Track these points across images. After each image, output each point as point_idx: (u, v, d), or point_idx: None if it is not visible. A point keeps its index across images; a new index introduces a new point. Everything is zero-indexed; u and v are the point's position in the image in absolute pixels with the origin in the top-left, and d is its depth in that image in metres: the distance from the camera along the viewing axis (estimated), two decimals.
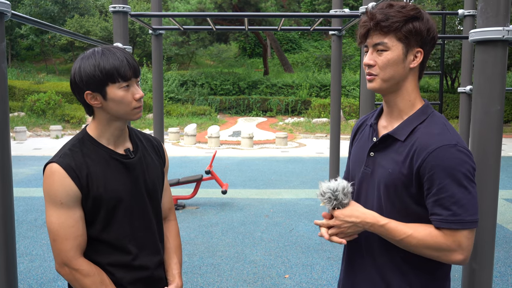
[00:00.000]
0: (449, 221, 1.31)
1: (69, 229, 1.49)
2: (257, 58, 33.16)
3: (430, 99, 21.08)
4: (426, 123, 1.41)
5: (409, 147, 1.38)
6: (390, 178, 1.41)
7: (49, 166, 1.50)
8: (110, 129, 1.57)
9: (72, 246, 1.49)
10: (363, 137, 1.59)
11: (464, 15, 5.44)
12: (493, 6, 1.80)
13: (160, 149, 1.78)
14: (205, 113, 21.59)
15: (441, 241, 1.33)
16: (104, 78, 1.46)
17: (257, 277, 4.23)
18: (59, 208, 1.48)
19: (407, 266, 1.44)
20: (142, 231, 1.63)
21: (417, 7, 1.40)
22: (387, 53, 1.40)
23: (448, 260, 1.35)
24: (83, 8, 32.97)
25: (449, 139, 1.34)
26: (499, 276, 4.22)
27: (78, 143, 1.56)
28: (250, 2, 23.57)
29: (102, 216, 1.54)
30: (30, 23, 2.50)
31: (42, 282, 4.12)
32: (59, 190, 1.47)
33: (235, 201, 7.19)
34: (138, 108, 1.54)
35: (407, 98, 1.45)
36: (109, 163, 1.56)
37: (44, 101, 19.68)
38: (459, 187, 1.31)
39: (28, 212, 6.53)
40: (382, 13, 1.39)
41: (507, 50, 1.87)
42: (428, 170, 1.33)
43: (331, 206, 1.42)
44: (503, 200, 7.23)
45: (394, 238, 1.38)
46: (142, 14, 4.41)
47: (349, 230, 1.43)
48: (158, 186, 1.70)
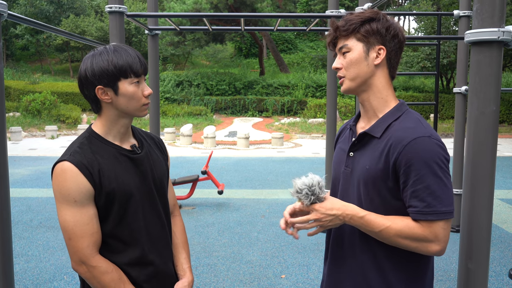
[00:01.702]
0: (425, 212, 1.35)
1: (84, 226, 1.49)
2: (253, 58, 33.18)
3: (425, 99, 21.16)
4: (400, 119, 1.46)
5: (385, 142, 1.43)
6: (368, 174, 1.45)
7: (60, 165, 1.49)
8: (117, 126, 1.59)
9: (88, 243, 1.50)
10: (344, 140, 1.64)
11: (460, 16, 5.46)
12: (489, 7, 1.81)
13: (162, 146, 1.81)
14: (201, 114, 21.59)
15: (418, 232, 1.37)
16: (117, 73, 1.50)
17: (253, 277, 4.23)
18: (73, 206, 1.48)
19: (389, 264, 1.46)
20: (154, 226, 1.64)
21: (376, 11, 1.50)
22: (349, 54, 1.49)
23: (425, 251, 1.38)
24: (79, 8, 32.89)
25: (423, 131, 1.38)
26: (495, 276, 4.25)
27: (86, 141, 1.56)
28: (246, 3, 23.59)
29: (115, 211, 1.55)
30: (27, 23, 2.49)
31: (38, 282, 4.10)
32: (72, 188, 1.47)
33: (231, 202, 7.20)
34: (147, 104, 1.58)
35: (379, 95, 1.51)
36: (118, 159, 1.57)
37: (39, 101, 19.61)
38: (435, 178, 1.35)
39: (23, 212, 6.50)
40: (343, 20, 1.50)
41: (503, 51, 1.88)
42: (404, 162, 1.36)
43: (308, 201, 1.43)
44: (498, 200, 7.26)
45: (373, 230, 1.41)
46: (138, 15, 4.41)
47: (329, 223, 1.44)
48: (165, 182, 1.73)
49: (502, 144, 15.07)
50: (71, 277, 4.22)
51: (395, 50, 1.51)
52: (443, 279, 4.18)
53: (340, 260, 1.56)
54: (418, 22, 26.31)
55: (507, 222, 6.08)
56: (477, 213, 1.94)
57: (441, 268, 4.45)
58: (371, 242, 1.47)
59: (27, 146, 14.90)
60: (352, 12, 1.54)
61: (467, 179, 1.97)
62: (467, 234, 1.96)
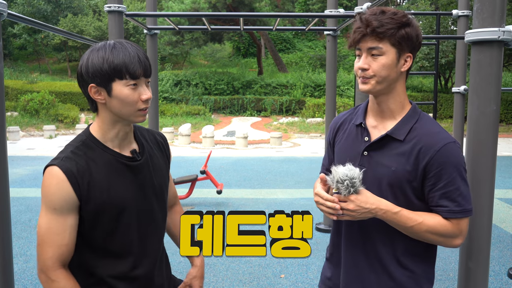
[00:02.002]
0: (456, 211, 1.47)
1: (55, 236, 1.41)
2: (251, 58, 33.16)
3: (424, 99, 21.19)
4: (420, 122, 1.53)
5: (411, 145, 1.49)
6: (394, 175, 1.50)
7: (49, 169, 1.42)
8: (115, 130, 1.49)
9: (53, 254, 1.41)
10: (349, 136, 1.64)
11: (458, 16, 5.47)
12: (489, 7, 1.82)
13: (164, 144, 1.72)
14: (200, 113, 21.57)
15: (449, 228, 1.47)
16: (111, 72, 1.38)
17: (252, 277, 4.23)
18: (51, 213, 1.41)
19: (406, 256, 1.55)
20: (149, 237, 1.58)
21: (407, 14, 1.49)
22: (382, 58, 1.48)
23: (449, 244, 1.51)
24: (77, 8, 32.82)
25: (448, 137, 1.49)
26: (494, 275, 4.25)
27: (82, 146, 1.47)
28: (244, 2, 23.58)
29: (105, 224, 1.47)
30: (26, 22, 2.49)
31: (37, 282, 4.10)
32: (55, 195, 1.39)
33: (230, 201, 7.19)
34: (143, 110, 1.45)
35: (398, 99, 1.55)
36: (114, 168, 1.48)
37: (37, 101, 19.58)
38: (462, 181, 1.47)
39: (22, 212, 6.49)
40: (377, 19, 1.46)
41: (503, 50, 1.88)
42: (436, 166, 1.45)
43: (347, 193, 1.45)
44: (497, 200, 7.28)
45: (405, 225, 1.47)
46: (138, 14, 4.40)
47: (360, 215, 1.47)
48: (165, 187, 1.66)
49: (501, 144, 15.11)
50: None
51: (415, 56, 1.56)
52: (442, 279, 4.19)
53: (360, 253, 1.59)
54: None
55: (506, 221, 6.09)
56: (478, 212, 1.95)
57: (441, 267, 4.46)
58: (391, 235, 1.54)
59: (25, 145, 14.88)
60: (383, 9, 1.49)
61: (467, 179, 1.97)
62: (468, 233, 1.97)
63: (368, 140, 1.57)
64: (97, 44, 1.45)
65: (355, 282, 1.61)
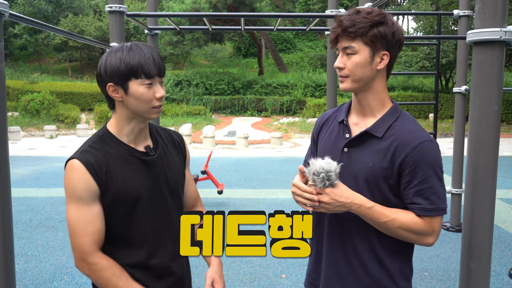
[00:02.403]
0: (429, 209, 1.48)
1: (87, 224, 1.50)
2: (252, 58, 33.17)
3: (424, 99, 21.17)
4: (400, 120, 1.55)
5: (389, 143, 1.51)
6: (371, 172, 1.52)
7: (70, 162, 1.51)
8: (130, 126, 1.58)
9: (89, 241, 1.50)
10: (332, 133, 1.67)
11: (459, 16, 5.46)
12: (491, 7, 1.81)
13: (180, 143, 1.78)
14: (200, 113, 21.57)
15: (421, 226, 1.49)
16: (127, 72, 1.48)
17: (253, 277, 4.23)
18: (78, 204, 1.49)
19: (383, 252, 1.56)
20: (164, 229, 1.63)
21: (382, 13, 1.50)
22: (355, 57, 1.51)
23: (422, 242, 1.52)
24: (77, 8, 32.84)
25: (426, 135, 1.50)
26: (495, 275, 4.25)
27: (98, 140, 1.57)
28: (245, 2, 23.58)
29: (121, 213, 1.55)
30: (27, 23, 2.48)
31: (38, 282, 4.10)
32: (78, 186, 1.49)
33: (231, 201, 7.20)
34: (158, 107, 1.55)
35: (377, 97, 1.58)
36: (128, 161, 1.57)
37: (38, 101, 19.59)
38: (437, 179, 1.48)
39: (23, 212, 6.49)
40: (350, 19, 1.49)
41: (504, 50, 1.88)
42: (411, 163, 1.47)
43: (322, 186, 1.47)
44: (498, 200, 7.28)
45: (378, 220, 1.49)
46: (139, 14, 4.40)
47: (335, 209, 1.49)
48: (179, 182, 1.72)
49: (502, 144, 15.10)
50: (71, 277, 4.22)
51: (396, 54, 1.57)
52: (443, 279, 4.19)
53: (338, 249, 1.62)
54: (417, 22, 26.33)
55: (507, 221, 6.09)
56: (479, 212, 1.95)
57: (442, 268, 4.46)
58: (368, 231, 1.55)
59: (26, 145, 14.88)
60: (359, 9, 1.52)
61: (469, 179, 1.97)
62: (469, 233, 1.97)
63: (349, 136, 1.59)
64: (115, 46, 1.55)
65: (334, 278, 1.64)
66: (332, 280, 1.64)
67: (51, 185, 8.49)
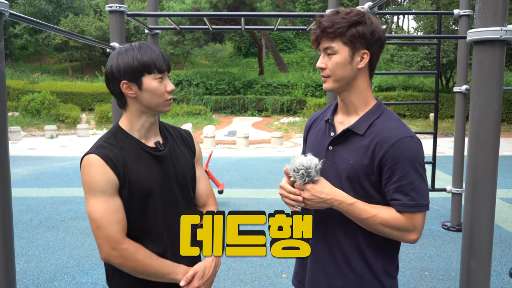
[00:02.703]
0: (409, 205, 1.49)
1: (112, 215, 1.56)
2: (252, 57, 33.17)
3: (425, 98, 21.15)
4: (382, 118, 1.57)
5: (370, 140, 1.53)
6: (352, 169, 1.54)
7: (87, 157, 1.58)
8: (141, 121, 1.66)
9: (117, 229, 1.56)
10: (319, 132, 1.70)
11: (460, 15, 5.46)
12: (491, 6, 1.81)
13: (190, 141, 1.85)
14: (201, 113, 21.57)
15: (402, 222, 1.50)
16: (141, 68, 1.58)
17: (254, 277, 4.23)
18: (100, 196, 1.55)
19: (368, 249, 1.58)
20: (174, 224, 1.65)
21: (361, 12, 1.53)
22: (335, 57, 1.54)
23: (404, 239, 1.53)
24: (78, 8, 32.84)
25: (406, 131, 1.52)
26: (495, 275, 4.25)
27: (112, 136, 1.66)
28: (245, 2, 23.58)
29: (136, 207, 1.62)
30: (28, 22, 2.48)
31: (39, 282, 4.10)
32: (99, 179, 1.55)
33: (231, 201, 7.20)
34: (170, 100, 1.65)
35: (360, 95, 1.60)
36: (140, 155, 1.64)
37: (38, 101, 19.60)
38: (417, 175, 1.49)
39: (23, 212, 6.50)
40: (329, 20, 1.53)
41: (505, 50, 1.88)
42: (391, 160, 1.49)
43: (302, 182, 1.49)
44: (499, 199, 7.27)
45: (360, 217, 1.51)
46: (139, 14, 4.40)
47: (316, 205, 1.52)
48: (189, 178, 1.78)
49: (501, 144, 15.09)
50: (71, 276, 4.22)
51: (377, 53, 1.59)
52: (444, 278, 4.18)
53: (323, 246, 1.64)
54: (417, 21, 26.33)
55: (507, 221, 6.08)
56: (480, 212, 1.94)
57: (442, 267, 4.46)
58: (353, 228, 1.57)
59: (26, 145, 14.89)
60: (339, 10, 1.55)
61: (469, 178, 1.97)
62: (469, 233, 1.96)
63: (333, 135, 1.62)
64: (123, 46, 1.64)
65: (320, 275, 1.65)
66: (317, 277, 1.66)
67: (51, 185, 8.49)
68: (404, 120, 20.71)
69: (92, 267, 4.43)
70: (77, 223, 5.96)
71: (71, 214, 6.40)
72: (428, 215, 6.39)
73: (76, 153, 13.22)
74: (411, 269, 4.41)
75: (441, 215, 6.40)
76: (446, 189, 5.66)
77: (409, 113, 21.15)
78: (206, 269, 1.69)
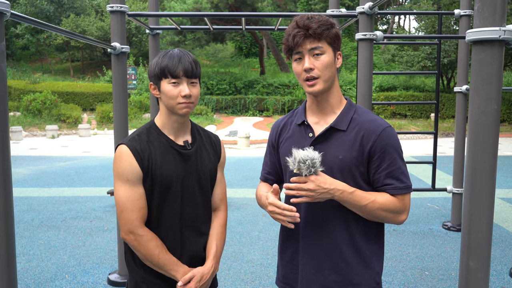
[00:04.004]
0: (400, 187, 1.61)
1: (134, 202, 1.72)
2: (254, 57, 33.18)
3: (425, 98, 21.14)
4: (358, 113, 1.67)
5: (354, 133, 1.62)
6: (343, 163, 1.61)
7: (119, 148, 1.75)
8: (170, 121, 1.81)
9: (137, 216, 1.72)
10: (293, 136, 1.75)
11: (460, 15, 5.46)
12: (490, 7, 1.82)
13: (217, 145, 1.98)
14: (202, 113, 21.58)
15: (396, 204, 1.61)
16: (159, 73, 1.74)
17: (254, 276, 4.24)
18: (126, 184, 1.72)
19: (361, 240, 1.66)
20: (189, 217, 1.83)
21: (327, 17, 1.63)
22: (324, 56, 1.60)
23: (396, 220, 1.64)
24: (79, 8, 32.88)
25: (385, 122, 1.64)
26: (495, 275, 4.25)
27: (145, 131, 1.81)
28: (246, 2, 23.58)
29: (156, 197, 1.76)
30: (29, 22, 2.49)
31: (40, 282, 4.11)
32: (126, 168, 1.72)
33: (232, 201, 7.20)
34: (183, 103, 1.74)
35: (336, 94, 1.70)
36: (168, 151, 1.79)
37: (40, 101, 19.62)
38: (401, 161, 1.63)
39: (25, 212, 6.51)
40: (313, 22, 1.59)
41: (504, 50, 1.88)
42: (379, 149, 1.59)
43: (308, 173, 1.54)
44: (499, 199, 7.27)
45: (360, 204, 1.58)
46: (140, 14, 4.41)
47: (319, 196, 1.55)
48: (210, 179, 1.91)
49: (503, 144, 15.07)
50: (72, 276, 4.23)
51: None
52: (444, 278, 4.19)
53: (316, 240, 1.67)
54: (418, 22, 26.31)
55: (507, 221, 6.08)
56: (478, 211, 1.95)
57: (442, 267, 4.46)
58: (346, 221, 1.64)
59: (28, 145, 14.91)
60: (311, 15, 1.63)
61: (468, 178, 1.97)
62: (469, 232, 1.97)
63: (312, 135, 1.68)
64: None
65: (314, 272, 1.68)
66: (311, 275, 1.68)
67: (52, 185, 8.51)
68: (405, 120, 20.73)
69: (93, 267, 4.44)
70: (78, 223, 5.97)
71: (72, 214, 6.42)
72: (429, 215, 6.40)
73: (78, 153, 13.24)
74: (412, 268, 4.42)
75: (441, 215, 6.40)
76: (447, 189, 5.66)
77: (410, 113, 21.14)
78: (204, 274, 1.82)
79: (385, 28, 38.81)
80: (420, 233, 5.54)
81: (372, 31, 3.71)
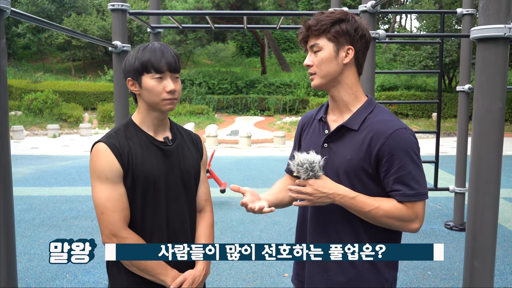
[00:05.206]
0: (409, 194, 1.52)
1: (115, 202, 1.62)
2: (255, 57, 33.14)
3: (427, 98, 21.11)
4: (374, 113, 1.61)
5: (364, 134, 1.57)
6: (349, 164, 1.57)
7: (96, 146, 1.65)
8: (150, 118, 1.72)
9: (119, 217, 1.62)
10: (313, 131, 1.74)
11: (463, 14, 5.44)
12: (495, 4, 1.80)
13: (198, 143, 1.91)
14: (203, 112, 21.56)
15: (404, 212, 1.53)
16: (140, 68, 1.64)
17: (256, 276, 4.23)
18: (105, 183, 1.62)
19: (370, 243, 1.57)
20: (176, 219, 1.74)
21: (345, 12, 1.61)
22: (320, 53, 1.60)
23: (407, 229, 1.56)
24: (80, 7, 32.87)
25: (399, 124, 1.56)
26: (499, 275, 4.23)
27: (122, 128, 1.72)
28: (247, 1, 23.57)
29: (139, 196, 1.67)
30: (30, 20, 2.48)
31: (41, 281, 4.10)
32: (104, 166, 1.61)
33: (233, 200, 7.19)
34: (169, 100, 1.66)
35: (349, 91, 1.64)
36: (148, 147, 1.70)
37: (41, 100, 19.63)
38: (414, 165, 1.53)
39: (26, 211, 6.51)
40: (314, 19, 1.60)
41: (509, 47, 1.86)
42: (388, 152, 1.52)
43: (306, 176, 1.52)
44: (503, 199, 7.25)
45: (362, 210, 1.53)
46: (141, 12, 4.39)
47: (318, 200, 1.53)
48: (193, 176, 1.82)
49: (505, 143, 14.99)
50: (73, 275, 4.22)
51: (363, 50, 1.63)
52: (447, 278, 4.17)
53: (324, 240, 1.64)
54: (420, 21, 26.26)
55: (510, 221, 6.06)
56: (483, 211, 1.93)
57: (445, 267, 4.44)
58: (354, 223, 1.59)
59: (29, 145, 14.92)
60: (323, 11, 1.63)
61: (473, 177, 1.95)
62: (473, 232, 1.95)
63: (327, 132, 1.66)
64: (136, 47, 1.72)
65: (320, 271, 1.66)
66: (317, 274, 1.66)
67: (53, 184, 8.50)
68: (406, 120, 20.69)
69: (94, 266, 4.43)
70: (79, 222, 5.97)
71: (73, 213, 6.41)
72: (431, 214, 6.37)
73: (79, 152, 13.23)
74: (414, 268, 4.40)
75: (444, 214, 6.38)
76: (449, 189, 5.64)
77: (411, 113, 21.10)
78: (196, 277, 1.74)
79: (386, 28, 38.78)
80: (422, 233, 5.52)
81: (374, 29, 3.69)
